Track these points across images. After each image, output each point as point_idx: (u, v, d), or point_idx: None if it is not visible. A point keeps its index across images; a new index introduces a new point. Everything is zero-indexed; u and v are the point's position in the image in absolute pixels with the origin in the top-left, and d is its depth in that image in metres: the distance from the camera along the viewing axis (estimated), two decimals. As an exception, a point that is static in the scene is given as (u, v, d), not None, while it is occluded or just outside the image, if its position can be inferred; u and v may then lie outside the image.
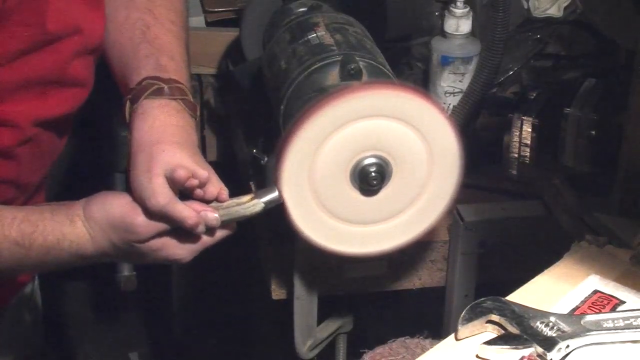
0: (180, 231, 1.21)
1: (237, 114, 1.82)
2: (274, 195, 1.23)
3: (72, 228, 1.20)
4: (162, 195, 1.18)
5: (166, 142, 1.21)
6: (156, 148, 1.21)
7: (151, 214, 1.19)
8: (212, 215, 1.21)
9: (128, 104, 1.26)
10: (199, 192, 1.21)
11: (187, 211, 1.19)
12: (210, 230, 1.22)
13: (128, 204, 1.20)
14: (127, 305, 2.65)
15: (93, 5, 1.29)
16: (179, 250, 1.22)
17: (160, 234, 1.20)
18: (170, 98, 1.26)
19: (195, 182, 1.20)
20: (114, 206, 1.20)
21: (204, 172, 1.20)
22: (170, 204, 1.18)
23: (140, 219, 1.19)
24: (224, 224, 1.23)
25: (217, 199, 1.22)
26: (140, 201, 1.19)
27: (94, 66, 1.33)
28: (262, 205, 1.23)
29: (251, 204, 1.23)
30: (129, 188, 1.22)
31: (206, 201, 1.22)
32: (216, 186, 1.22)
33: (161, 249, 1.21)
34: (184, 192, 1.21)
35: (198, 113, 1.30)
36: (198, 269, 2.29)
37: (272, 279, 1.50)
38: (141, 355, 2.60)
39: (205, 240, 1.23)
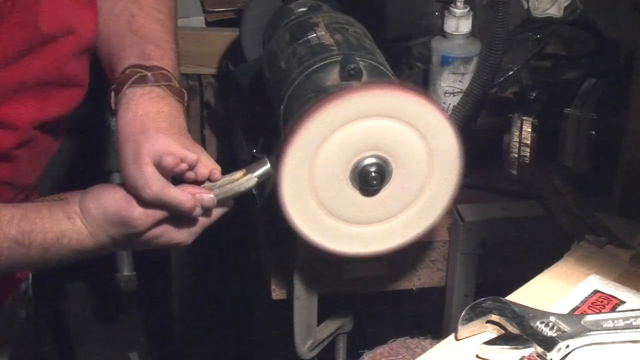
0: (178, 215, 1.21)
1: (237, 114, 1.82)
2: (265, 167, 1.23)
3: (71, 225, 1.20)
4: (154, 183, 1.17)
5: (151, 130, 1.20)
6: (141, 137, 1.20)
7: (146, 203, 1.18)
8: (207, 196, 1.21)
9: (113, 94, 1.26)
10: (190, 174, 1.20)
11: (182, 195, 1.18)
12: (207, 211, 1.22)
13: (122, 198, 1.19)
14: (127, 305, 2.64)
15: (85, 4, 1.28)
16: (179, 235, 1.22)
17: (158, 222, 1.20)
18: (154, 85, 1.25)
19: (184, 166, 1.19)
20: (109, 201, 1.20)
21: (193, 154, 1.20)
22: (164, 190, 1.18)
23: (137, 212, 1.18)
24: (219, 203, 1.23)
25: (209, 179, 1.22)
26: (134, 192, 1.18)
27: (89, 65, 1.33)
28: (256, 179, 1.24)
29: (244, 180, 1.23)
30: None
31: (199, 182, 1.21)
32: (207, 166, 1.22)
33: (161, 235, 1.22)
34: (176, 177, 1.20)
35: (186, 99, 1.29)
36: (198, 268, 2.29)
37: (272, 279, 1.50)
38: (141, 355, 2.60)
39: (203, 221, 1.23)
